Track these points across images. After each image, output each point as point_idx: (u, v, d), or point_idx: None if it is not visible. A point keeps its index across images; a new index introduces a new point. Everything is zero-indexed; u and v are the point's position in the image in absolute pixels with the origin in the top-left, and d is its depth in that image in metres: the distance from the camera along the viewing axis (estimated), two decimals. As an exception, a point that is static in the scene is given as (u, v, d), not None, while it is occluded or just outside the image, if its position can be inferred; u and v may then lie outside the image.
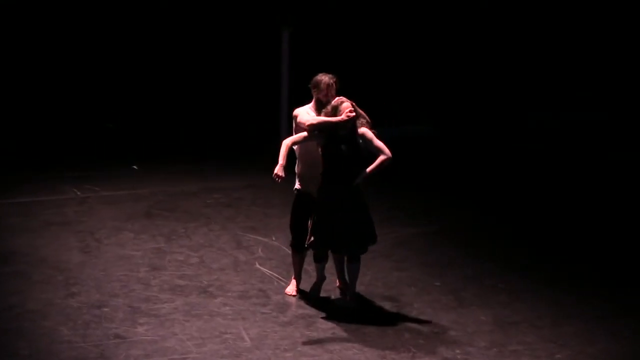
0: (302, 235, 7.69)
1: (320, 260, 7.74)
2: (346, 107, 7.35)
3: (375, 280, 8.27)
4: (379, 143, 7.36)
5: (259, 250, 8.99)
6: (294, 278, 8.01)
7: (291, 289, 7.97)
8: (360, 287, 7.92)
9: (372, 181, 7.62)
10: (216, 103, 13.57)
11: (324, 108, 7.56)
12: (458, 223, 10.04)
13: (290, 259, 8.07)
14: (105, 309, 7.44)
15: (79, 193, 10.59)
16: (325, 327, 7.31)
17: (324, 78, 7.68)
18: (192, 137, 13.09)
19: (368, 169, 7.36)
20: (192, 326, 7.20)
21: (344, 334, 7.16)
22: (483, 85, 14.26)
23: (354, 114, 7.34)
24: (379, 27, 13.96)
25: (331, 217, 7.38)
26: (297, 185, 7.78)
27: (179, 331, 7.11)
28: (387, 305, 7.77)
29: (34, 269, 8.27)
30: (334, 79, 7.68)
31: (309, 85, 7.74)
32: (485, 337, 7.21)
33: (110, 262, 8.51)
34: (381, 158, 7.33)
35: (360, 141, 7.34)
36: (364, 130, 7.38)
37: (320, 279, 7.84)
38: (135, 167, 11.66)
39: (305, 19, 12.93)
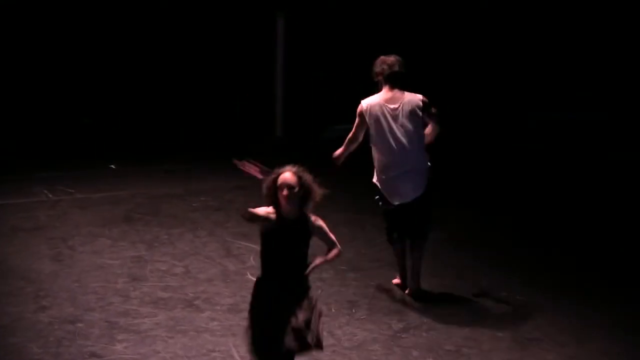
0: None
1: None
2: (284, 181, 5.95)
3: (380, 292, 8.15)
4: (332, 236, 6.25)
5: (251, 258, 8.79)
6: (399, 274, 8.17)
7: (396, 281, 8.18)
8: (364, 300, 7.87)
9: (370, 184, 7.80)
10: (204, 97, 13.46)
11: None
12: (465, 228, 10.08)
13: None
14: (80, 325, 7.31)
15: (50, 195, 10.60)
16: (325, 345, 7.05)
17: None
18: (177, 134, 13.00)
19: (318, 261, 6.11)
20: (176, 343, 7.06)
21: (345, 352, 7.00)
22: (482, 84, 14.34)
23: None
24: (377, 22, 13.91)
25: (274, 319, 6.06)
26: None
27: (162, 349, 6.96)
28: (394, 320, 7.62)
29: (0, 280, 8.15)
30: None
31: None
32: (502, 355, 7.06)
33: (85, 272, 8.40)
34: (335, 252, 6.20)
35: (311, 229, 6.16)
36: (320, 223, 6.18)
37: None
38: (113, 166, 11.59)
39: (301, 5, 12.86)
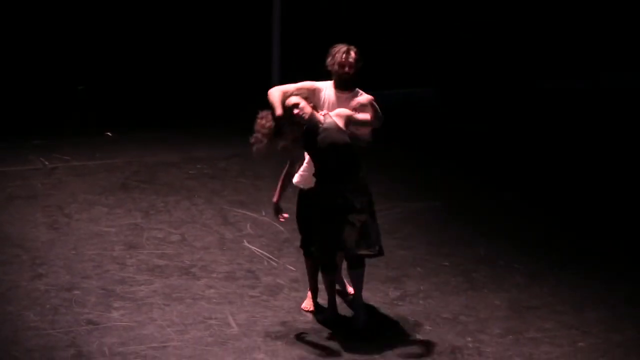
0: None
1: (328, 270, 7.04)
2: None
3: (377, 259, 8.05)
4: None
5: (248, 226, 8.94)
6: (309, 290, 7.35)
7: (307, 303, 7.32)
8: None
9: (370, 151, 7.33)
10: (198, 60, 13.42)
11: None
12: (466, 197, 10.01)
13: (283, 236, 7.96)
14: (76, 292, 7.44)
15: (46, 163, 10.54)
16: (321, 312, 7.28)
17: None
18: (172, 100, 12.98)
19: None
20: (172, 311, 7.21)
21: (341, 320, 7.13)
22: (490, 43, 14.14)
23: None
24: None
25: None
26: (296, 180, 7.10)
27: (158, 316, 7.11)
28: (390, 288, 7.76)
29: (-4, 248, 8.28)
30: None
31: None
32: (499, 324, 7.20)
33: (81, 239, 8.49)
34: None
35: None
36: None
37: (331, 296, 7.12)
38: (109, 133, 11.60)
39: None
